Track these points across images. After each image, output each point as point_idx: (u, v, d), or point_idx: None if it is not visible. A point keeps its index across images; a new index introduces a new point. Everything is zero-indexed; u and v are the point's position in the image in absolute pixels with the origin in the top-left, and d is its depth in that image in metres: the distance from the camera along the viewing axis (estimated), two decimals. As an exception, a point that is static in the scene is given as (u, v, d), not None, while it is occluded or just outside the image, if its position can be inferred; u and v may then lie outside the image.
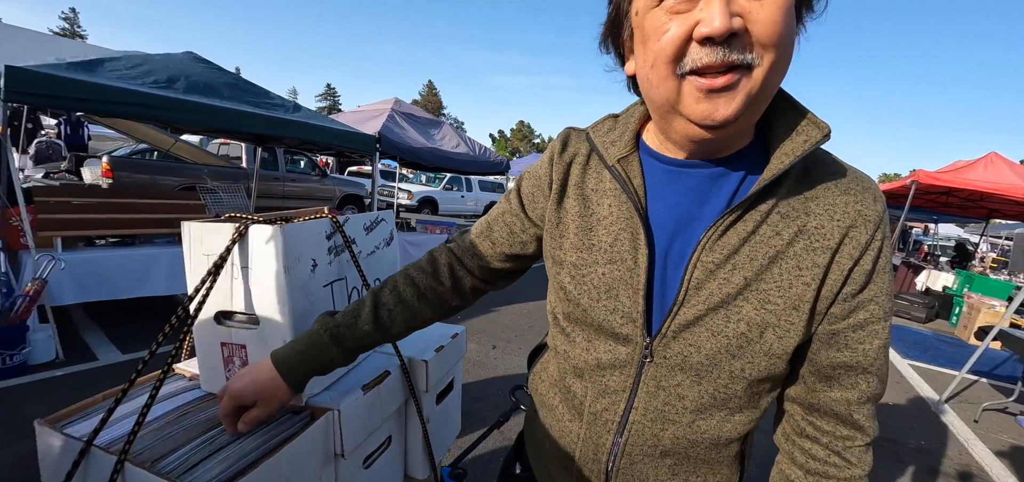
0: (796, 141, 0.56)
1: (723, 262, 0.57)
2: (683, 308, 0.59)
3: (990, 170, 5.88)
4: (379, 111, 6.27)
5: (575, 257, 0.67)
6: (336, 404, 0.83)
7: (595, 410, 0.67)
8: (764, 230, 0.57)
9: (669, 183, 0.63)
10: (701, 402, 0.61)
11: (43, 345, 3.05)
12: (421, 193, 11.99)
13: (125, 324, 3.79)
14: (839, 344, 0.58)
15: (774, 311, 0.56)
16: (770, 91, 0.51)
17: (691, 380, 0.60)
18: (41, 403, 2.60)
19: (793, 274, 0.56)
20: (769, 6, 0.46)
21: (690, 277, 0.58)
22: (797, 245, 0.56)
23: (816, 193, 0.57)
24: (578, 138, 0.73)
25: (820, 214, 0.56)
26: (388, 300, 0.77)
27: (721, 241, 0.57)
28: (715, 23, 0.45)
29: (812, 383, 0.61)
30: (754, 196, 0.56)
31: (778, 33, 0.47)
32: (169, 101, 3.57)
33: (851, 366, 0.58)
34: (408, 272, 0.80)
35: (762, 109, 0.54)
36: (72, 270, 3.26)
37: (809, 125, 0.56)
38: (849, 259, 0.56)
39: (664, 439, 0.63)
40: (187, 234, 0.81)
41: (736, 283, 0.57)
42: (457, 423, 1.29)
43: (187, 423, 0.78)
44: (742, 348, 0.57)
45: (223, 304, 0.82)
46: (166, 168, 6.81)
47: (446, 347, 1.14)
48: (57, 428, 0.73)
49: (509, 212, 0.78)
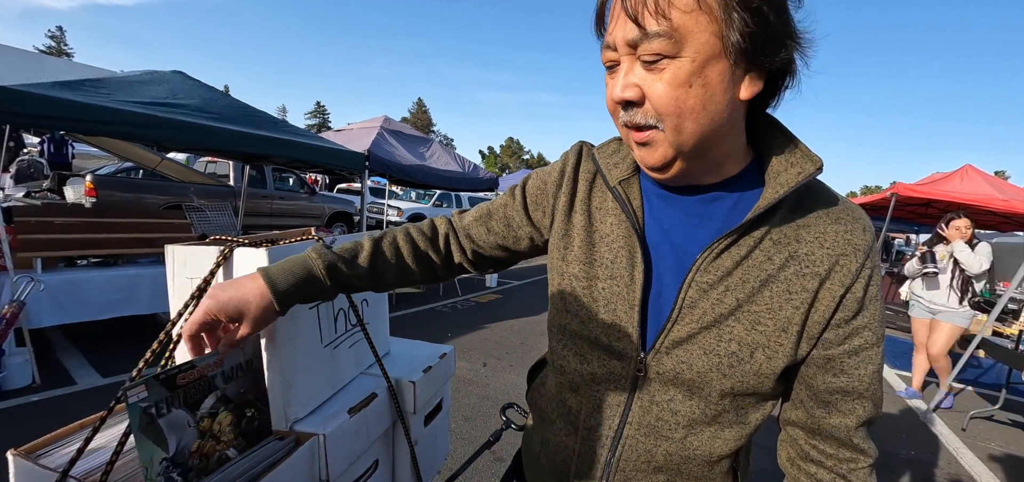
0: (790, 173, 0.59)
1: (717, 283, 0.60)
2: (676, 325, 0.61)
3: (965, 182, 6.05)
4: (369, 129, 6.28)
5: (577, 269, 0.69)
6: (321, 429, 0.82)
7: (590, 425, 0.68)
8: (757, 255, 0.60)
9: (666, 206, 0.66)
10: (693, 418, 0.63)
11: (19, 369, 2.97)
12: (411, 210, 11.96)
13: (106, 346, 3.70)
14: (835, 369, 0.61)
15: (764, 333, 0.59)
16: (698, 143, 0.56)
17: (683, 395, 0.62)
18: (15, 431, 2.52)
19: (783, 298, 0.58)
20: (658, 82, 0.53)
21: (685, 296, 0.61)
22: (788, 270, 0.59)
23: (808, 221, 0.60)
24: (586, 157, 0.76)
25: (811, 241, 0.59)
26: (387, 249, 0.78)
27: (716, 263, 0.60)
28: (615, 92, 0.55)
29: (811, 408, 0.63)
30: (749, 222, 0.59)
31: (667, 104, 0.53)
32: (156, 120, 3.54)
33: (847, 391, 0.61)
34: (408, 231, 0.81)
35: (706, 152, 0.58)
36: (51, 291, 3.19)
37: (803, 158, 0.60)
38: (840, 286, 0.58)
39: (657, 455, 0.65)
40: (171, 257, 0.80)
41: (728, 304, 0.59)
42: (446, 444, 1.28)
43: (168, 451, 0.76)
44: (733, 367, 0.59)
45: (206, 328, 0.81)
46: (152, 186, 6.72)
47: (434, 367, 1.13)
48: (32, 459, 0.71)
49: (511, 206, 0.80)
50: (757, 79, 0.54)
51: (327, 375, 0.92)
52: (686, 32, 0.50)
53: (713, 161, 0.60)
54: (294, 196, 8.95)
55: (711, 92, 0.53)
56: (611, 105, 0.58)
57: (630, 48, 0.54)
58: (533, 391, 0.83)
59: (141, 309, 3.70)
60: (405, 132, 6.82)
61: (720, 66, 0.52)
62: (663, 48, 0.51)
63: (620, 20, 0.54)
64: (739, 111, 0.57)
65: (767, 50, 0.52)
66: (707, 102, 0.53)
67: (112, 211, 4.39)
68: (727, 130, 0.57)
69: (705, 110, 0.53)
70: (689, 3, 0.50)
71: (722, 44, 0.51)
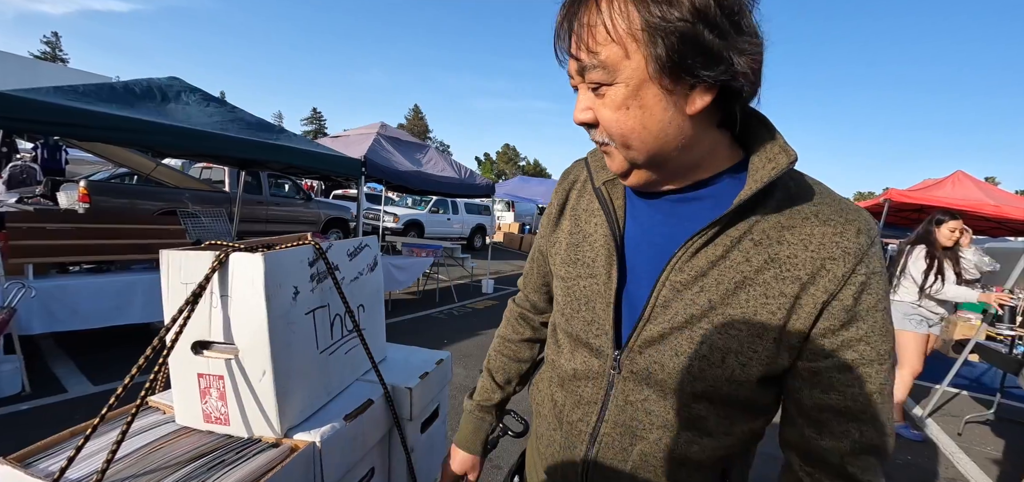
0: (766, 168, 0.56)
1: (691, 283, 0.59)
2: (649, 324, 0.61)
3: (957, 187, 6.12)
4: (365, 135, 6.28)
5: (564, 270, 0.73)
6: (316, 436, 0.81)
7: (571, 420, 0.71)
8: (734, 255, 0.57)
9: (647, 206, 0.67)
10: (667, 419, 0.62)
11: (9, 377, 2.93)
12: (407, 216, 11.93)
13: (97, 354, 3.66)
14: (823, 385, 0.56)
15: (737, 337, 0.57)
16: (649, 158, 0.57)
17: (657, 396, 0.62)
18: (4, 439, 2.48)
19: (759, 302, 0.56)
20: (603, 107, 0.56)
21: (658, 295, 0.61)
22: (766, 273, 0.56)
23: (794, 222, 0.57)
24: (578, 166, 0.80)
25: (794, 244, 0.56)
26: (495, 365, 0.94)
27: (691, 262, 0.59)
28: (575, 115, 0.59)
29: (802, 426, 0.59)
30: (726, 220, 0.57)
31: (610, 126, 0.56)
32: (152, 125, 3.52)
33: (839, 411, 0.56)
34: (498, 336, 0.96)
35: (663, 164, 0.59)
36: (42, 298, 3.15)
37: (780, 152, 0.57)
38: (824, 292, 0.54)
39: (632, 454, 0.65)
40: (165, 262, 0.80)
41: (701, 305, 0.58)
42: (443, 452, 1.26)
43: (161, 458, 0.75)
44: (703, 370, 0.58)
45: (201, 334, 0.80)
46: (146, 192, 6.68)
47: (431, 374, 1.12)
48: (22, 466, 0.70)
49: (536, 251, 0.89)
50: (706, 92, 0.53)
51: (322, 382, 0.91)
52: (614, 62, 0.52)
53: (677, 169, 0.60)
54: (290, 202, 8.92)
55: (649, 113, 0.54)
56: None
57: (580, 76, 0.57)
58: (534, 386, 0.87)
59: (134, 317, 3.65)
60: (402, 138, 6.82)
61: (653, 90, 0.52)
62: (600, 77, 0.54)
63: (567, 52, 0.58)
64: (691, 124, 0.55)
65: (706, 66, 0.50)
66: (647, 122, 0.54)
67: (106, 217, 4.34)
68: (683, 142, 0.56)
69: (645, 129, 0.55)
70: (605, 37, 0.52)
71: (647, 71, 0.51)
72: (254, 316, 0.77)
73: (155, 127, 3.55)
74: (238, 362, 0.79)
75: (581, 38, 0.54)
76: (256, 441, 0.80)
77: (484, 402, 0.92)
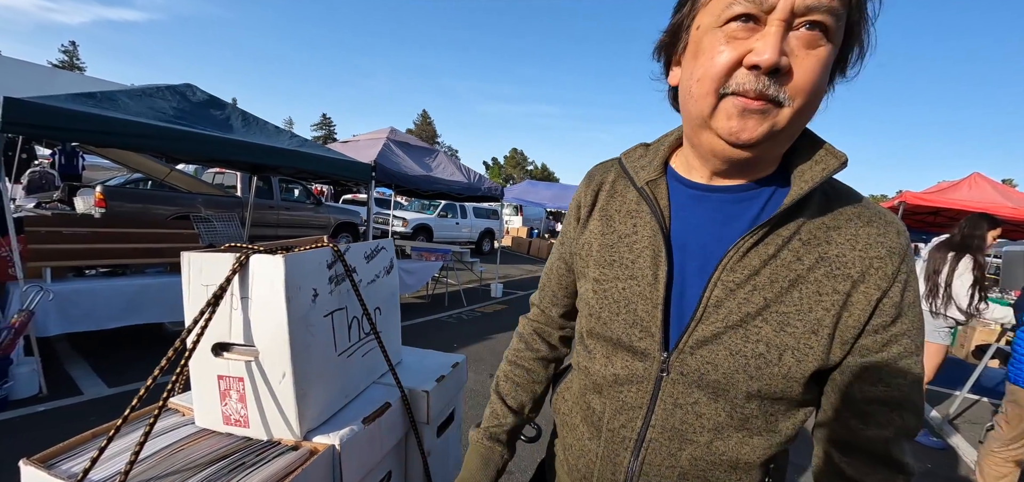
0: (815, 169, 0.59)
1: (743, 282, 0.59)
2: (701, 324, 0.60)
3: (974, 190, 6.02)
4: (375, 140, 6.32)
5: (598, 273, 0.70)
6: (335, 439, 0.80)
7: (613, 427, 0.68)
8: (785, 254, 0.59)
9: (693, 206, 0.66)
10: (718, 421, 0.61)
11: (26, 379, 2.97)
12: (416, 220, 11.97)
13: (112, 356, 3.70)
14: (873, 378, 0.58)
15: (793, 334, 0.57)
16: (793, 131, 0.56)
17: (708, 398, 0.61)
18: (22, 440, 2.51)
19: (813, 299, 0.57)
20: (812, 58, 0.51)
21: (710, 294, 0.60)
22: (818, 271, 0.58)
23: (838, 223, 0.59)
24: (604, 168, 0.79)
25: (842, 243, 0.58)
26: (506, 389, 0.87)
27: (742, 262, 0.59)
28: (766, 55, 0.50)
29: (846, 419, 0.60)
30: (776, 220, 0.58)
31: (812, 84, 0.52)
32: (168, 131, 3.57)
33: (886, 402, 0.58)
34: (509, 358, 0.90)
35: (783, 145, 0.59)
36: (59, 301, 3.19)
37: (827, 155, 0.60)
38: (876, 290, 0.57)
39: (681, 459, 0.63)
40: (186, 264, 0.80)
41: (756, 303, 0.58)
42: (459, 456, 1.26)
43: (182, 460, 0.75)
44: (760, 368, 0.58)
45: (221, 336, 0.80)
46: (160, 197, 6.77)
47: (447, 377, 1.12)
48: (45, 467, 0.70)
49: (556, 261, 0.85)
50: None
51: (340, 384, 0.91)
52: (838, 19, 0.51)
53: (768, 157, 0.61)
54: (300, 207, 8.99)
55: (825, 88, 0.54)
56: (727, 66, 0.53)
57: (789, 16, 0.50)
58: (557, 397, 0.84)
59: (148, 318, 3.70)
60: (411, 143, 6.85)
61: (830, 66, 0.54)
62: (828, 21, 0.50)
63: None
64: None
65: (844, 66, 0.56)
66: (822, 97, 0.55)
67: (121, 221, 4.41)
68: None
69: (817, 104, 0.55)
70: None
71: (837, 40, 0.53)
72: (274, 318, 0.77)
73: (170, 133, 3.60)
74: (258, 364, 0.79)
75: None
76: (276, 444, 0.80)
77: (494, 430, 0.84)
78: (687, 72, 0.59)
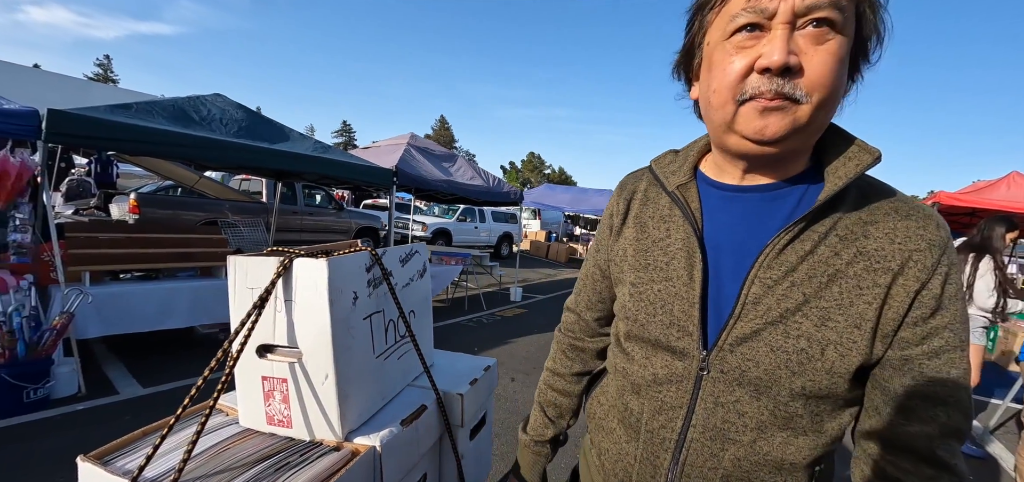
0: (848, 165, 0.59)
1: (781, 278, 0.59)
2: (739, 322, 0.61)
3: (1013, 189, 5.77)
4: (396, 145, 6.40)
5: (633, 277, 0.72)
6: (376, 441, 0.81)
7: (652, 427, 0.68)
8: (822, 250, 0.59)
9: (724, 207, 0.67)
10: (761, 420, 0.61)
11: (66, 379, 3.08)
12: (435, 225, 12.08)
13: (145, 357, 3.82)
14: (914, 372, 0.57)
15: (835, 328, 0.57)
16: (817, 126, 0.56)
17: (750, 396, 0.61)
18: (63, 438, 2.61)
19: (854, 293, 0.57)
20: (822, 53, 0.52)
21: (747, 291, 0.60)
22: (857, 266, 0.57)
23: (874, 217, 0.59)
24: (635, 177, 0.81)
25: (880, 237, 0.58)
26: (546, 400, 0.93)
27: (779, 258, 0.60)
28: (774, 57, 0.52)
29: (888, 415, 0.59)
30: (811, 216, 0.59)
31: (826, 77, 0.53)
32: (198, 140, 3.69)
33: (928, 397, 0.57)
34: (552, 370, 0.95)
35: (809, 140, 0.59)
36: (96, 304, 3.31)
37: (860, 151, 0.60)
38: (916, 282, 0.56)
39: (724, 460, 0.63)
40: (232, 268, 0.82)
41: (795, 299, 0.58)
42: (489, 460, 1.26)
43: (229, 459, 0.76)
44: (802, 365, 0.58)
45: (266, 338, 0.82)
46: (189, 203, 6.98)
47: (480, 380, 1.12)
48: (101, 463, 0.73)
49: (591, 268, 0.88)
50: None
51: (378, 386, 0.92)
52: (849, 12, 0.53)
53: (798, 153, 0.62)
54: (323, 212, 9.16)
55: (844, 80, 0.55)
56: (741, 73, 0.55)
57: (791, 18, 0.52)
58: (593, 401, 0.84)
59: (179, 322, 3.81)
60: (431, 148, 6.92)
61: (847, 59, 0.55)
62: (834, 16, 0.51)
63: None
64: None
65: (864, 56, 0.57)
66: (841, 88, 0.55)
67: (153, 227, 4.56)
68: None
69: (838, 96, 0.55)
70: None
71: (851, 31, 0.54)
72: (317, 320, 0.78)
73: (200, 141, 3.71)
74: (301, 366, 0.80)
75: None
76: (318, 444, 0.81)
77: (538, 437, 0.93)
78: (704, 86, 0.62)
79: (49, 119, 2.94)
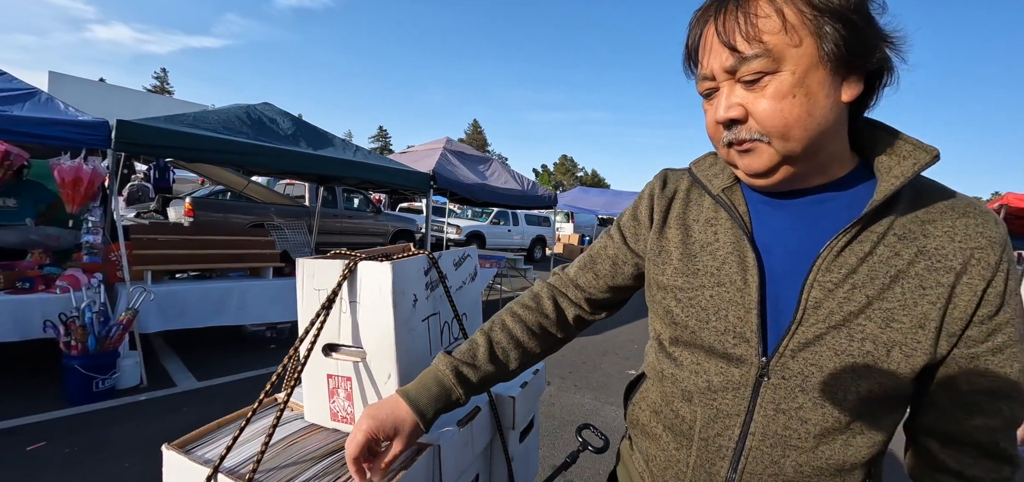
0: (904, 165, 0.59)
1: (842, 281, 0.58)
2: (801, 327, 0.60)
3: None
4: (432, 150, 6.52)
5: (681, 281, 0.70)
6: (436, 439, 0.83)
7: (706, 435, 0.66)
8: (882, 250, 0.58)
9: (773, 210, 0.66)
10: (825, 426, 0.60)
11: (130, 371, 3.30)
12: (469, 227, 12.21)
13: (199, 352, 4.03)
14: (980, 369, 0.58)
15: (900, 329, 0.57)
16: (806, 148, 0.57)
17: (813, 402, 0.60)
18: (128, 427, 2.79)
19: (917, 293, 0.57)
20: (762, 99, 0.56)
21: (807, 296, 0.60)
22: (918, 265, 0.57)
23: (932, 217, 0.59)
24: (677, 175, 0.79)
25: (940, 236, 0.58)
26: (500, 338, 0.79)
27: (838, 260, 0.59)
28: (718, 113, 0.59)
29: (951, 411, 0.60)
30: (867, 217, 0.58)
31: (771, 118, 0.55)
32: (249, 147, 3.88)
33: (993, 392, 0.58)
34: (513, 310, 0.82)
35: (815, 155, 0.59)
36: (157, 301, 3.53)
37: (916, 149, 0.60)
38: (981, 280, 0.56)
39: (785, 467, 0.62)
40: (301, 269, 0.86)
41: (858, 301, 0.58)
42: (536, 462, 1.26)
43: (298, 452, 0.80)
44: (868, 367, 0.57)
45: (331, 337, 0.86)
46: (239, 207, 7.34)
47: (530, 384, 1.13)
48: (184, 452, 0.78)
49: (611, 245, 0.82)
50: (856, 82, 0.56)
51: (434, 387, 0.94)
52: (782, 49, 0.54)
53: (821, 163, 0.61)
54: (361, 215, 9.43)
55: (814, 99, 0.55)
56: (713, 128, 0.62)
57: (728, 74, 0.57)
58: (634, 407, 0.82)
59: (230, 320, 4.01)
60: (466, 152, 7.01)
61: (820, 74, 0.55)
62: (763, 66, 0.55)
63: (714, 50, 0.58)
64: (842, 114, 0.58)
65: (862, 54, 0.55)
66: (812, 109, 0.55)
67: (207, 230, 4.82)
68: (833, 133, 0.58)
69: (811, 116, 0.55)
70: (776, 26, 0.53)
71: (818, 54, 0.54)
72: (381, 321, 0.81)
73: (251, 148, 3.90)
74: (365, 365, 0.83)
75: (742, 28, 0.55)
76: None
77: (464, 370, 0.74)
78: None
79: (118, 129, 3.16)
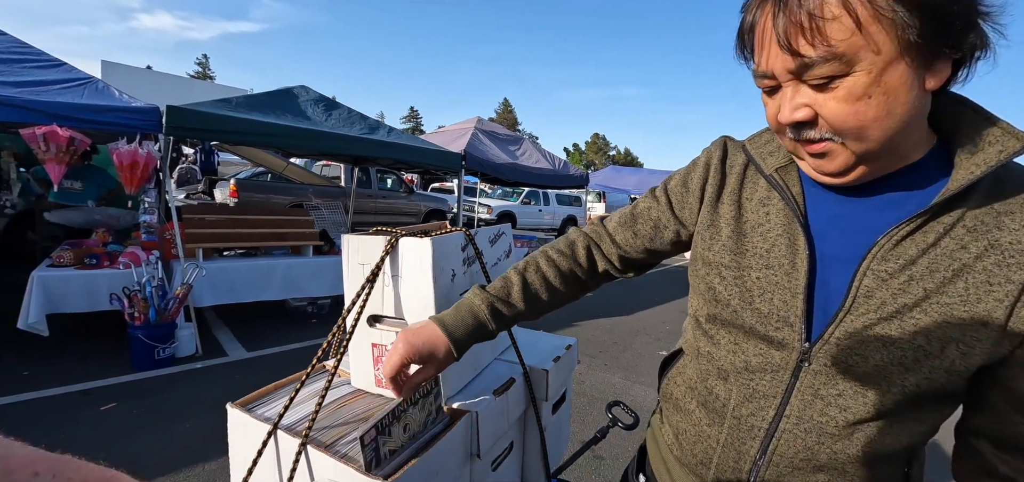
0: (988, 152, 0.54)
1: (898, 272, 0.56)
2: (850, 315, 0.58)
3: None
4: (463, 130, 6.56)
5: (727, 259, 0.69)
6: (474, 407, 0.88)
7: (739, 414, 0.66)
8: (947, 243, 0.55)
9: (829, 194, 0.64)
10: (864, 415, 0.59)
11: (186, 341, 3.54)
12: (500, 207, 12.27)
13: (247, 324, 4.28)
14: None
15: (958, 326, 0.54)
16: (884, 146, 0.53)
17: (855, 391, 0.58)
18: (187, 391, 3.01)
19: (982, 289, 0.53)
20: (832, 101, 0.52)
21: (859, 284, 0.58)
22: (987, 260, 0.53)
23: (1011, 208, 0.54)
24: (735, 148, 0.76)
25: (1016, 229, 0.53)
26: (533, 279, 0.81)
27: (896, 250, 0.56)
28: (784, 115, 0.55)
29: (1007, 413, 0.56)
30: (937, 207, 0.55)
31: (846, 120, 0.52)
32: (288, 130, 4.03)
33: None
34: (548, 254, 0.84)
35: (894, 150, 0.55)
36: (209, 277, 3.75)
37: (1004, 135, 0.54)
38: None
39: (819, 453, 0.61)
40: (346, 246, 0.91)
41: (914, 294, 0.55)
42: (568, 434, 1.30)
43: (347, 414, 0.87)
44: (919, 362, 0.55)
45: (375, 308, 0.91)
46: (278, 188, 7.63)
47: (563, 358, 1.16)
48: (246, 410, 0.86)
49: (656, 208, 0.81)
50: (943, 67, 0.52)
51: (472, 358, 0.98)
52: (854, 50, 0.49)
53: (903, 152, 0.57)
54: (394, 195, 9.63)
55: (894, 96, 0.51)
56: (775, 123, 0.59)
57: (792, 75, 0.54)
58: (669, 381, 0.82)
59: (274, 295, 4.23)
60: (497, 132, 7.01)
61: (900, 69, 0.50)
62: (832, 70, 0.51)
63: (772, 49, 0.54)
64: (926, 102, 0.54)
65: (951, 40, 0.50)
66: (891, 107, 0.51)
67: (251, 209, 5.05)
68: (915, 123, 0.54)
69: (890, 115, 0.51)
70: (848, 27, 0.49)
71: (898, 48, 0.49)
72: (422, 294, 0.85)
73: (292, 130, 4.05)
74: (407, 335, 0.88)
75: (807, 31, 0.50)
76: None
77: (499, 306, 0.77)
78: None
79: (168, 115, 3.34)
